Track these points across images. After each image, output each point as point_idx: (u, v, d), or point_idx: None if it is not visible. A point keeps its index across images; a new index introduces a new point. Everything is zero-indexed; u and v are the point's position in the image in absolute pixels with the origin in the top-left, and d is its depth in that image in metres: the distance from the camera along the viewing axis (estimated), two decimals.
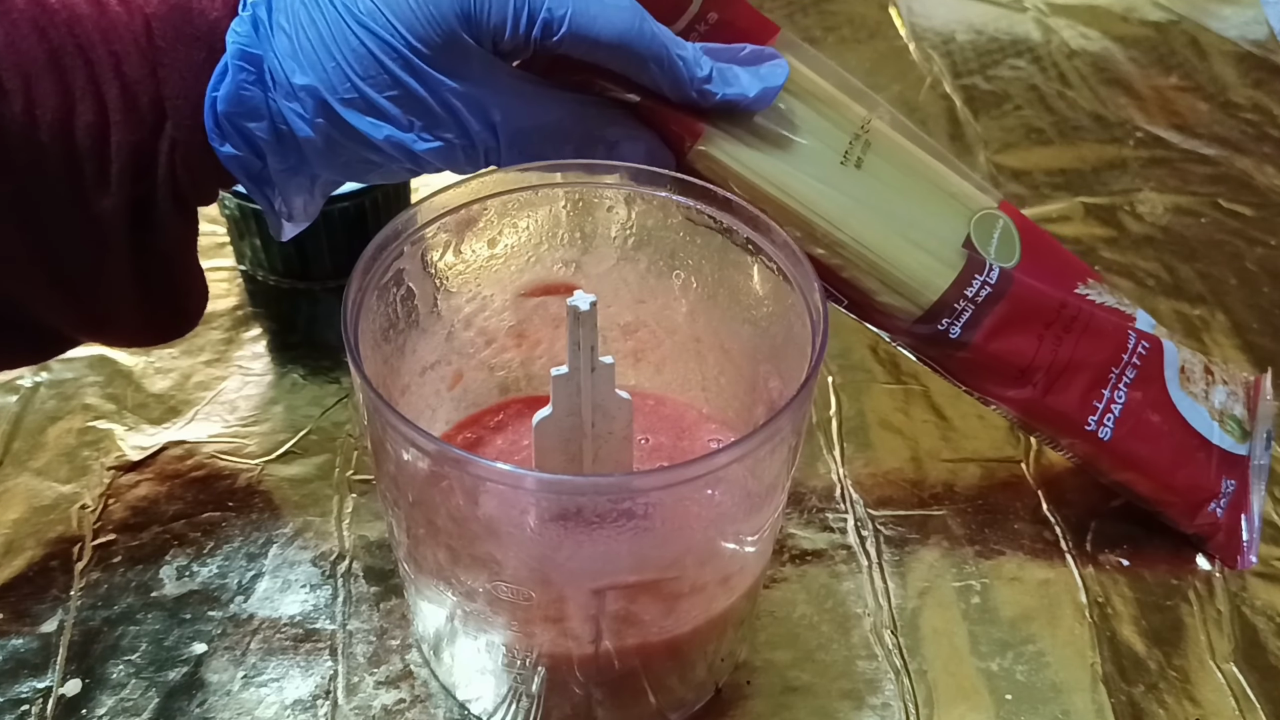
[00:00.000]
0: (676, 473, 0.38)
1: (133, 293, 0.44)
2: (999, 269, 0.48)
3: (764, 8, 0.86)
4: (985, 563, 0.52)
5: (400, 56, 0.40)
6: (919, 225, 0.47)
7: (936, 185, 0.49)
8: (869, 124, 0.48)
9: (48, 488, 0.53)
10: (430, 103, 0.41)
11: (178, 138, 0.42)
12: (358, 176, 0.45)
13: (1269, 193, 0.72)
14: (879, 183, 0.47)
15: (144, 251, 0.43)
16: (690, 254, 0.46)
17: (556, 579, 0.39)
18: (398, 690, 0.47)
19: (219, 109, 0.42)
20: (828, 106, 0.47)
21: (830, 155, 0.46)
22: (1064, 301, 0.49)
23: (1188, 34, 0.85)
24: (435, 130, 0.42)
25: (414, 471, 0.38)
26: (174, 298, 0.46)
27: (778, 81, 0.44)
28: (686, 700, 0.46)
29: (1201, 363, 0.54)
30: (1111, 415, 0.49)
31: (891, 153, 0.48)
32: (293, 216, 0.46)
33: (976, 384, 0.49)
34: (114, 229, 0.42)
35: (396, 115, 0.41)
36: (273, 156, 0.43)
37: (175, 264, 0.45)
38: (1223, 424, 0.52)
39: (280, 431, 0.56)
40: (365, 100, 0.41)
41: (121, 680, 0.47)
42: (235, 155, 0.43)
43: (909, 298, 0.47)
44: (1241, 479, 0.53)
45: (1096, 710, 0.47)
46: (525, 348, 0.49)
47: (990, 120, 0.77)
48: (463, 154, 0.43)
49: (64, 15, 0.41)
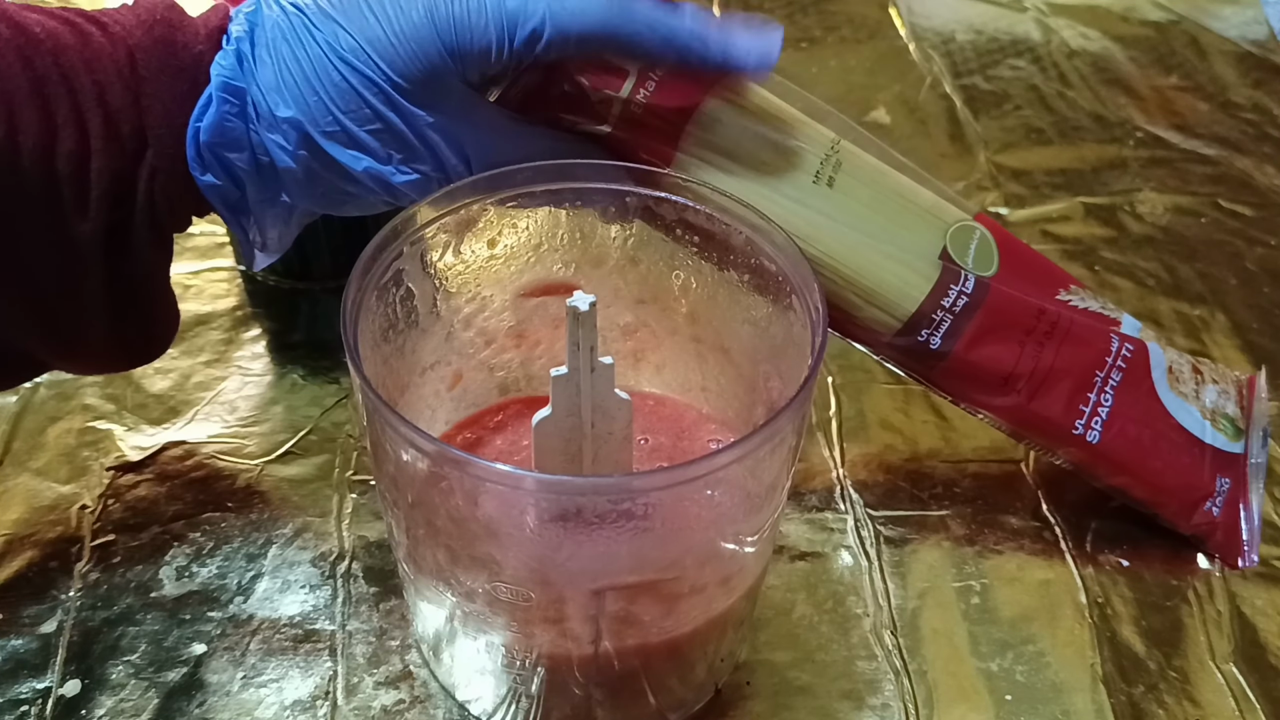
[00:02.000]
0: (676, 473, 0.38)
1: (105, 317, 0.45)
2: (975, 278, 0.48)
3: (764, 8, 0.86)
4: (985, 563, 0.52)
5: (381, 91, 0.41)
6: (893, 239, 0.48)
7: (909, 200, 0.49)
8: (838, 145, 0.48)
9: (47, 488, 0.53)
10: (409, 136, 0.42)
11: (158, 166, 0.43)
12: (334, 208, 0.46)
13: (1269, 193, 0.72)
14: (851, 200, 0.48)
15: (118, 277, 0.44)
16: (690, 254, 0.46)
17: (556, 580, 0.39)
18: (397, 691, 0.47)
19: (201, 139, 0.42)
20: (797, 129, 0.48)
21: (802, 175, 0.47)
22: (1043, 309, 0.49)
23: (1188, 34, 0.85)
24: (413, 163, 0.43)
25: (413, 472, 0.38)
26: (145, 323, 0.47)
27: (775, 42, 0.44)
28: (686, 701, 0.46)
29: (1189, 363, 0.54)
30: (1099, 418, 0.50)
31: (862, 171, 0.48)
32: (266, 246, 0.47)
33: (962, 394, 0.50)
34: (90, 253, 0.43)
35: (376, 148, 0.42)
36: (252, 187, 0.44)
37: (149, 290, 0.46)
38: (1215, 423, 0.52)
39: (280, 432, 0.56)
40: (346, 133, 0.42)
41: (121, 681, 0.47)
42: (215, 185, 0.43)
43: (887, 311, 0.47)
44: (1236, 477, 0.53)
45: (1096, 710, 0.47)
46: (525, 348, 0.49)
47: (990, 120, 0.77)
48: (437, 186, 0.43)
49: (49, 44, 0.41)
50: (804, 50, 0.82)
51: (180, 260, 0.64)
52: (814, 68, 0.80)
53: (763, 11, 0.86)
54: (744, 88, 0.48)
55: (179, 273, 0.63)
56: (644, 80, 0.46)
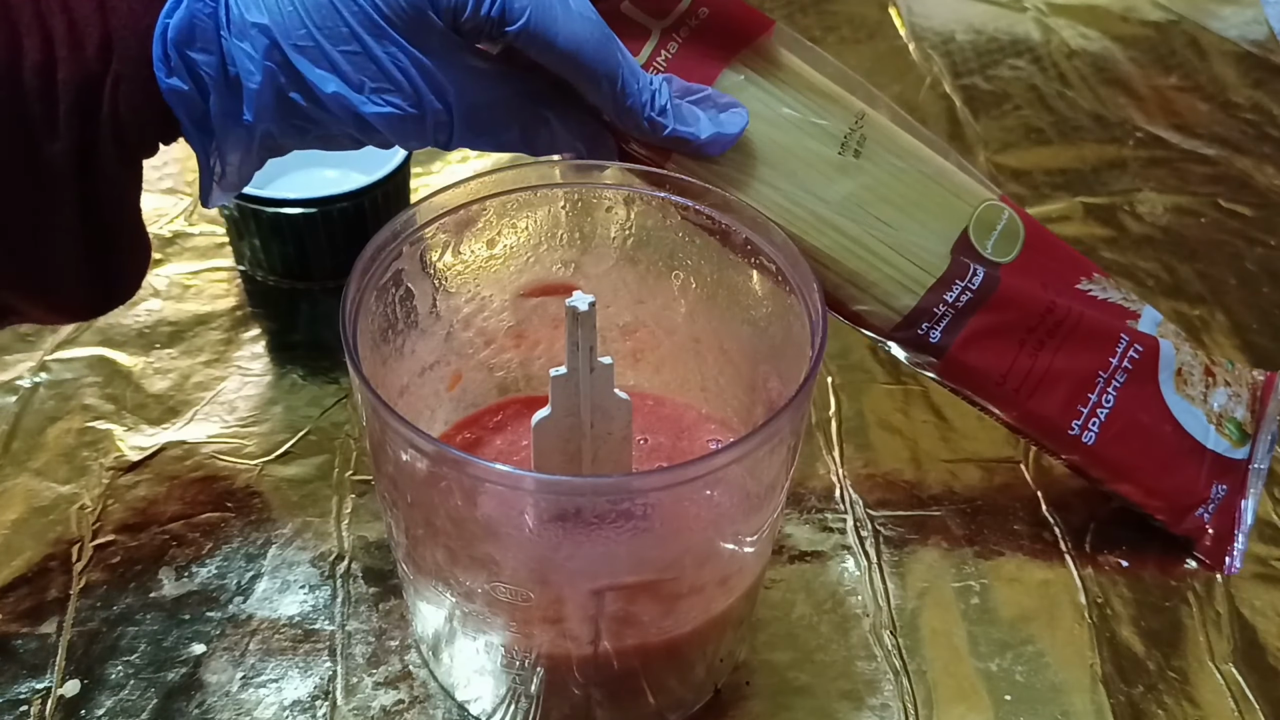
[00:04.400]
0: (675, 473, 0.38)
1: (77, 249, 0.43)
2: (984, 272, 0.48)
3: (764, 7, 0.86)
4: (985, 563, 0.52)
5: (361, 11, 0.40)
6: (911, 221, 0.47)
7: (936, 177, 0.48)
8: (863, 118, 0.47)
9: (47, 488, 0.53)
10: (385, 63, 0.41)
11: (122, 72, 0.41)
12: (297, 136, 0.44)
13: (1269, 193, 0.72)
14: (877, 174, 0.47)
15: (90, 203, 0.42)
16: (689, 254, 0.46)
17: (555, 580, 0.39)
18: (397, 691, 0.47)
19: (169, 36, 0.41)
20: (822, 102, 0.47)
21: (826, 149, 0.46)
22: (1052, 304, 0.49)
23: (1188, 34, 0.85)
24: (385, 95, 0.42)
25: (413, 472, 0.38)
26: (117, 256, 0.45)
27: (734, 129, 0.44)
28: (685, 701, 0.46)
29: (1202, 364, 0.53)
30: (1097, 420, 0.49)
31: (890, 144, 0.48)
32: (225, 176, 0.45)
33: (960, 386, 0.49)
34: (61, 176, 0.41)
35: (348, 71, 0.41)
36: (216, 98, 0.42)
37: (120, 217, 0.44)
38: (1220, 427, 0.52)
39: (279, 432, 0.56)
40: (319, 49, 0.41)
41: (120, 681, 0.47)
42: (180, 90, 0.42)
43: (887, 304, 0.47)
44: (1235, 484, 0.52)
45: (1096, 711, 0.47)
46: (524, 348, 0.49)
47: (990, 120, 0.77)
48: (411, 124, 0.42)
49: None
50: None
51: (180, 260, 0.64)
52: None
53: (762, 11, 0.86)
54: (774, 54, 0.47)
55: (179, 273, 0.63)
56: (665, 43, 0.45)
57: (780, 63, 0.47)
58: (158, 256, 0.64)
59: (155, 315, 0.61)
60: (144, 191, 0.44)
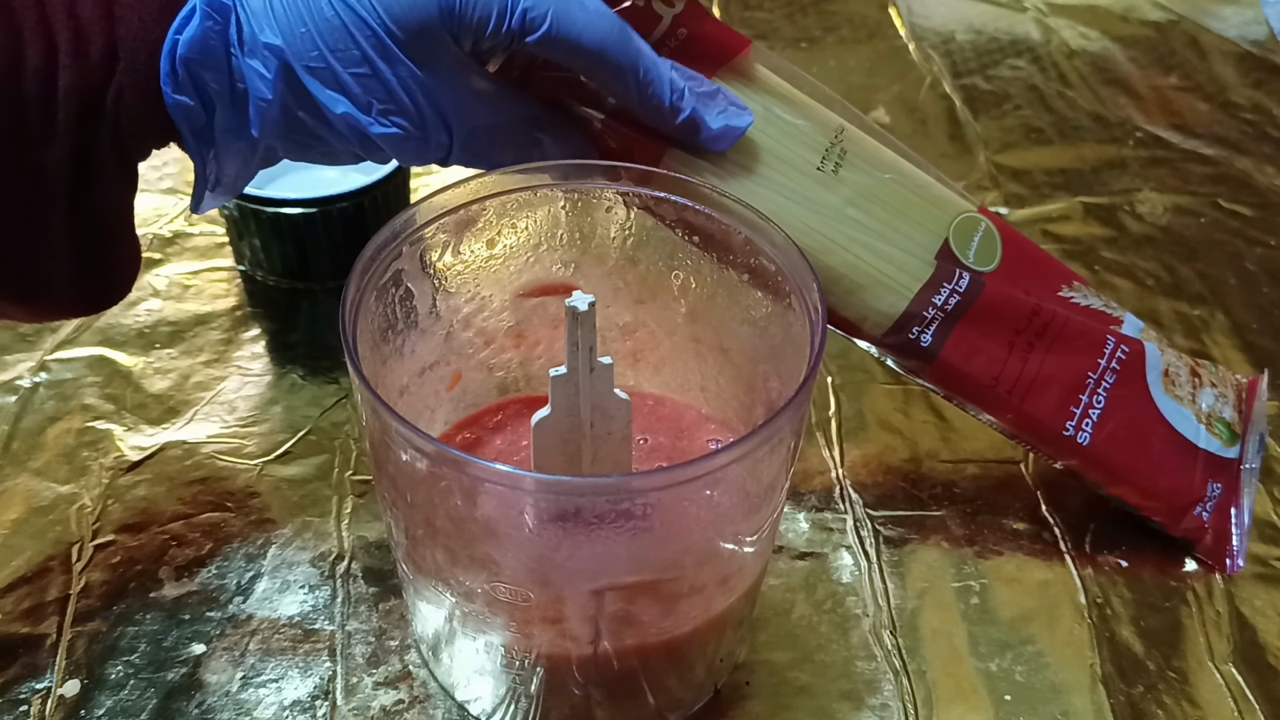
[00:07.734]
0: (675, 473, 0.38)
1: (67, 253, 0.43)
2: (970, 276, 0.48)
3: (764, 8, 0.86)
4: (984, 563, 0.52)
5: (373, 35, 0.40)
6: (896, 229, 0.48)
7: (914, 191, 0.49)
8: (843, 132, 0.48)
9: (47, 488, 0.53)
10: (394, 86, 0.41)
11: (125, 83, 0.41)
12: (300, 151, 0.45)
13: (1269, 193, 0.72)
14: (857, 188, 0.47)
15: (83, 208, 0.42)
16: (689, 254, 0.46)
17: (555, 580, 0.39)
18: (396, 691, 0.47)
19: (179, 53, 0.41)
20: (804, 115, 0.48)
21: (807, 162, 0.47)
22: (1037, 308, 0.49)
23: (1188, 34, 0.85)
24: (392, 116, 0.42)
25: (412, 472, 0.38)
26: (108, 263, 0.45)
27: (742, 124, 0.45)
28: (685, 701, 0.46)
29: (1188, 366, 0.54)
30: (1090, 420, 0.50)
31: (869, 159, 0.48)
32: (220, 184, 0.45)
33: (953, 391, 0.49)
34: (56, 181, 0.41)
35: (357, 94, 0.41)
36: (222, 114, 0.42)
37: (113, 223, 0.44)
38: (1210, 427, 0.52)
39: (279, 432, 0.56)
40: (330, 72, 0.41)
41: (120, 681, 0.47)
42: (185, 105, 0.42)
43: (877, 309, 0.47)
44: (1229, 483, 0.52)
45: (1095, 711, 0.47)
46: (524, 348, 0.49)
47: (990, 120, 0.77)
48: (414, 145, 0.43)
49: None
50: (804, 50, 0.82)
51: (180, 260, 0.64)
52: (814, 68, 0.80)
53: (763, 11, 0.86)
54: (752, 71, 0.47)
55: (179, 273, 0.63)
56: None
57: (758, 80, 0.48)
58: (158, 256, 0.64)
59: (155, 315, 0.61)
60: (144, 191, 0.45)
